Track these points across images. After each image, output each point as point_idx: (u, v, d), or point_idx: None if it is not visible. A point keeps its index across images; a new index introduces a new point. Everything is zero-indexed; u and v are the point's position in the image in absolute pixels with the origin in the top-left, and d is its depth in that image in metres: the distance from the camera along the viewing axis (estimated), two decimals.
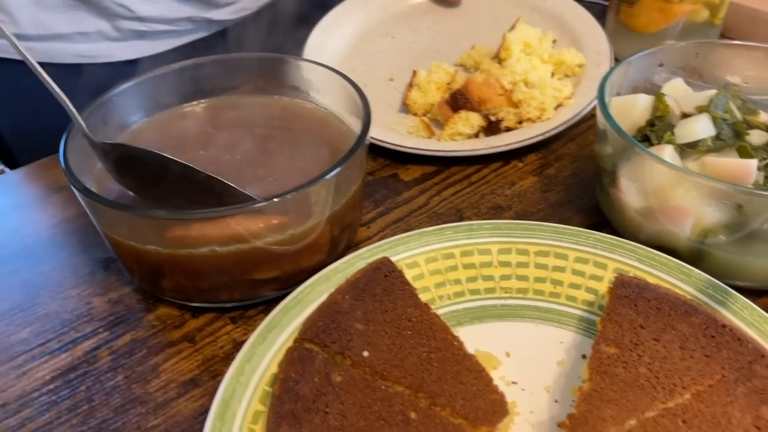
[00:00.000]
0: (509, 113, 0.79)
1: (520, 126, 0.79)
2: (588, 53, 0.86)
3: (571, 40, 0.90)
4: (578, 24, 0.91)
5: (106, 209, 0.55)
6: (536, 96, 0.78)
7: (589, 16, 0.91)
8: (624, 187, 0.62)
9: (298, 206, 0.56)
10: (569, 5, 0.94)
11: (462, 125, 0.78)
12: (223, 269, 0.57)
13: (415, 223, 0.70)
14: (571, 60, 0.85)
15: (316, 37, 0.94)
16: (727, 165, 0.60)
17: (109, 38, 0.92)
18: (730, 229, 0.57)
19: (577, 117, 0.78)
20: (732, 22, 0.96)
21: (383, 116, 0.84)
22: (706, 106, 0.65)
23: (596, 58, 0.85)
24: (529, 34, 0.87)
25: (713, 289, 0.55)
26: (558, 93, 0.80)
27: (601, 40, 0.87)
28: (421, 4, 1.03)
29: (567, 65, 0.85)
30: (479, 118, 0.79)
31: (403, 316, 0.52)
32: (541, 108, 0.78)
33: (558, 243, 0.61)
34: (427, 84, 0.84)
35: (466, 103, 0.79)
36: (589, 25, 0.90)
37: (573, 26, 0.92)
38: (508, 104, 0.79)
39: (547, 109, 0.78)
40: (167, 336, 0.60)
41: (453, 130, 0.78)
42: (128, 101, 0.68)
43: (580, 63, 0.85)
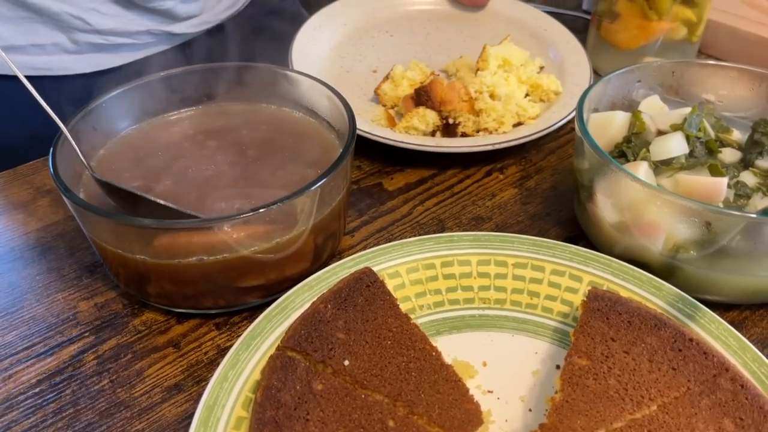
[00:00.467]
0: (468, 120, 0.81)
1: (476, 135, 0.81)
2: (568, 83, 0.89)
3: (558, 69, 0.92)
4: (568, 55, 0.94)
5: (93, 216, 0.56)
6: (497, 108, 0.80)
7: (581, 50, 0.94)
8: (600, 203, 0.64)
9: (283, 217, 0.58)
10: (565, 37, 0.96)
11: (417, 120, 0.80)
12: (209, 278, 0.58)
13: (398, 233, 0.72)
14: (547, 85, 0.87)
15: (317, 19, 0.98)
16: (699, 183, 0.62)
17: (66, 51, 0.91)
18: (699, 245, 0.59)
19: (531, 137, 0.79)
20: (710, 39, 0.99)
21: (354, 101, 0.86)
22: (681, 124, 0.67)
23: (574, 88, 0.87)
24: (513, 53, 0.89)
25: (683, 303, 0.57)
26: (522, 111, 0.82)
27: (584, 74, 0.90)
28: (429, 10, 1.07)
29: (543, 89, 0.87)
30: (436, 118, 0.81)
31: (384, 326, 0.53)
32: (500, 121, 0.80)
33: (535, 255, 0.63)
34: (401, 78, 0.87)
35: (427, 101, 0.81)
36: (578, 58, 0.92)
37: (563, 56, 0.94)
38: (469, 111, 0.81)
39: (506, 123, 0.80)
40: (152, 341, 0.61)
41: (408, 123, 0.80)
42: (117, 108, 0.68)
43: (556, 90, 0.87)
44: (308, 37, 0.95)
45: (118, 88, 0.68)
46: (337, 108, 0.67)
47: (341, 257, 0.69)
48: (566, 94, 0.87)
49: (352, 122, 0.64)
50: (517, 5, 1.05)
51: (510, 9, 1.05)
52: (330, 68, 0.94)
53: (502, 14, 1.05)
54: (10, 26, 0.87)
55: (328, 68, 0.94)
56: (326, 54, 0.95)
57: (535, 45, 0.97)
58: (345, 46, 0.98)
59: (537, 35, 0.99)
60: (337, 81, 0.91)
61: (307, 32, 0.95)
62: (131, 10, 0.93)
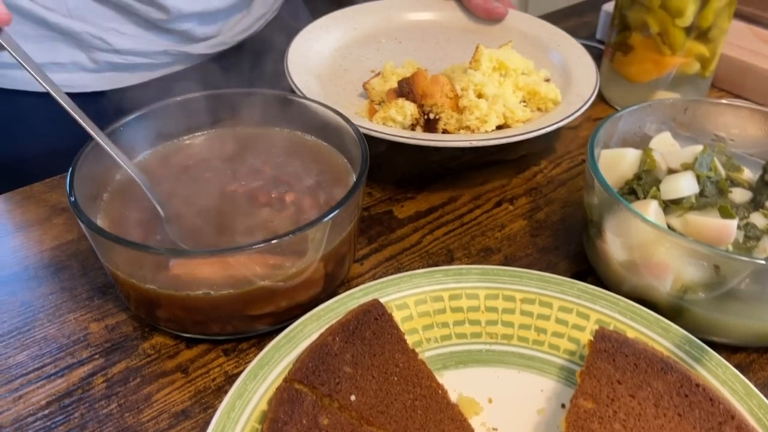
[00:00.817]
0: (451, 117, 0.79)
1: (458, 132, 0.79)
2: (570, 94, 0.86)
3: (564, 83, 0.89)
4: (577, 68, 0.91)
5: (104, 241, 0.56)
6: (481, 107, 0.78)
7: (591, 65, 0.91)
8: (609, 240, 0.65)
9: (294, 247, 0.58)
10: (577, 52, 0.94)
11: (395, 111, 0.79)
12: (218, 306, 0.59)
13: (407, 262, 0.73)
14: (545, 93, 0.84)
15: (326, 21, 0.98)
16: (708, 224, 0.62)
17: (85, 69, 0.92)
18: (708, 288, 0.59)
19: (513, 137, 0.77)
20: (723, 73, 0.99)
21: (344, 94, 0.88)
22: (692, 163, 0.67)
23: (574, 98, 0.84)
24: (512, 58, 0.87)
25: (690, 346, 0.58)
26: (510, 114, 0.80)
27: (588, 86, 0.86)
28: (444, 22, 1.06)
29: (540, 97, 0.84)
30: (415, 110, 0.79)
31: (391, 362, 0.54)
32: (483, 119, 0.78)
33: (543, 291, 0.63)
34: (390, 74, 0.86)
35: (408, 93, 0.80)
36: (586, 71, 0.90)
37: (571, 69, 0.92)
38: (453, 108, 0.80)
39: (489, 122, 0.78)
40: (161, 365, 0.61)
41: (386, 114, 0.79)
42: (133, 133, 0.69)
43: (554, 99, 0.84)
44: (313, 35, 0.95)
45: (133, 114, 0.69)
46: (351, 137, 0.68)
47: (350, 285, 0.70)
48: (564, 104, 0.84)
49: (364, 152, 0.65)
50: (534, 21, 1.03)
51: (527, 24, 1.02)
52: (328, 64, 0.93)
53: (517, 29, 1.02)
54: (32, 44, 0.88)
55: (326, 64, 0.93)
56: (328, 52, 0.95)
57: (546, 59, 0.95)
58: (350, 47, 0.98)
59: (550, 51, 0.97)
60: (332, 76, 0.91)
61: (313, 30, 0.95)
62: (150, 30, 0.94)
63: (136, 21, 0.92)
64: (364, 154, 0.64)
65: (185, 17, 0.95)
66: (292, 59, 0.89)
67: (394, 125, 0.80)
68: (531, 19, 1.04)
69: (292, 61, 0.89)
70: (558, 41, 0.98)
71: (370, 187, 0.82)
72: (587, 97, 0.83)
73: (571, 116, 0.80)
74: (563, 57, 0.95)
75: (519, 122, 0.81)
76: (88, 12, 0.89)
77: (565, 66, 0.93)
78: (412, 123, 0.80)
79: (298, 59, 0.90)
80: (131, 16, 0.91)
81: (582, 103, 0.82)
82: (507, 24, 1.04)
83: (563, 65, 0.94)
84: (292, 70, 0.87)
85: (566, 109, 0.82)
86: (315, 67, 0.91)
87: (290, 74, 0.86)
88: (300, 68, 0.88)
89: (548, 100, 0.84)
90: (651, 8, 0.86)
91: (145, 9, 0.90)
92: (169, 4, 0.91)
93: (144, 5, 0.90)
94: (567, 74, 0.91)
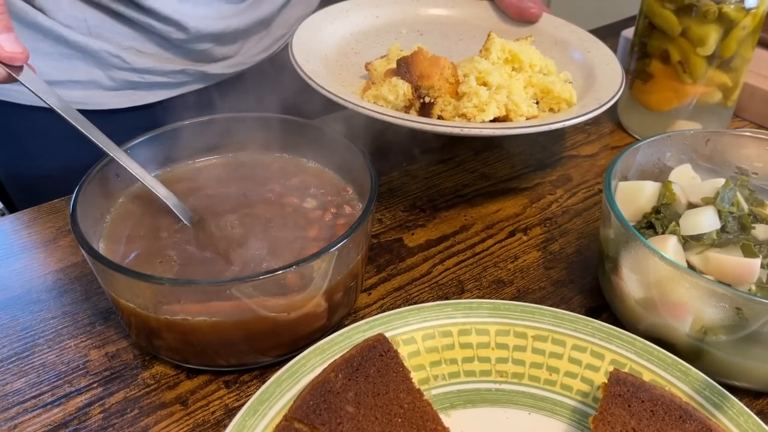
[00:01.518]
0: (449, 103, 0.74)
1: (453, 119, 0.74)
2: (586, 98, 0.80)
3: (586, 87, 0.84)
4: (602, 74, 0.85)
5: (105, 269, 0.55)
6: (480, 94, 0.73)
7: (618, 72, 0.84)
8: (625, 276, 0.62)
9: (298, 278, 0.57)
10: (606, 59, 0.87)
11: (387, 90, 0.74)
12: (220, 336, 0.57)
13: (416, 293, 0.71)
14: (559, 93, 0.79)
15: (348, 5, 0.95)
16: (730, 262, 0.59)
17: (103, 87, 0.92)
18: (729, 330, 0.56)
19: (510, 130, 0.71)
20: (746, 102, 0.97)
21: (345, 75, 0.84)
22: (713, 198, 0.65)
23: (590, 102, 0.78)
24: (528, 53, 0.82)
25: (710, 391, 0.55)
26: (513, 107, 0.74)
27: (608, 91, 0.79)
28: (473, 21, 1.00)
29: (553, 96, 0.79)
30: (408, 90, 0.74)
31: (395, 402, 0.51)
32: (480, 108, 0.73)
33: (556, 329, 0.61)
34: (395, 57, 0.81)
35: (405, 73, 0.75)
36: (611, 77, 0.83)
37: (597, 74, 0.85)
38: (452, 94, 0.75)
39: (487, 112, 0.72)
40: (160, 396, 0.60)
41: (377, 91, 0.74)
42: (140, 155, 0.68)
43: (568, 100, 0.79)
44: (330, 15, 0.91)
45: (142, 136, 0.68)
46: (361, 166, 0.67)
47: (357, 316, 0.68)
48: (578, 106, 0.78)
49: (374, 183, 0.63)
50: (567, 27, 0.96)
51: (559, 30, 0.96)
52: (338, 46, 0.89)
53: (548, 34, 0.96)
54: (50, 62, 0.89)
55: (337, 45, 0.89)
56: (342, 35, 0.91)
57: (573, 63, 0.89)
58: (367, 34, 0.93)
59: (577, 55, 0.91)
60: (339, 57, 0.88)
61: (332, 11, 0.91)
62: (169, 50, 0.94)
63: (155, 40, 0.92)
64: (373, 186, 0.63)
65: (204, 37, 0.94)
66: (300, 34, 0.85)
67: (386, 105, 0.75)
68: (564, 24, 0.97)
69: (299, 36, 0.85)
70: (589, 47, 0.91)
71: (381, 213, 0.81)
72: (604, 101, 0.76)
73: (579, 118, 0.73)
74: (590, 62, 0.88)
75: (522, 117, 0.75)
76: (108, 30, 0.89)
77: (590, 71, 0.87)
78: (405, 105, 0.75)
79: (306, 35, 0.86)
80: (150, 35, 0.91)
81: (596, 107, 0.75)
82: (539, 27, 0.98)
83: (589, 70, 0.87)
84: (296, 42, 0.83)
85: (577, 111, 0.76)
86: (323, 45, 0.87)
87: (292, 45, 0.81)
88: (307, 43, 0.84)
89: (562, 100, 0.79)
90: (671, 37, 0.84)
91: (164, 29, 0.90)
92: (188, 24, 0.91)
93: (163, 25, 0.90)
94: (591, 79, 0.85)
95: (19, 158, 0.99)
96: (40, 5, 0.85)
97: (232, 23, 0.96)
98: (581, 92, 0.82)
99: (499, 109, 0.73)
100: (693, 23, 0.82)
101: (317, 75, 0.77)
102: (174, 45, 0.94)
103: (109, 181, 0.66)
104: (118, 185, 0.68)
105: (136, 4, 0.87)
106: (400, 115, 0.72)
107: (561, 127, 0.72)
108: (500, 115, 0.74)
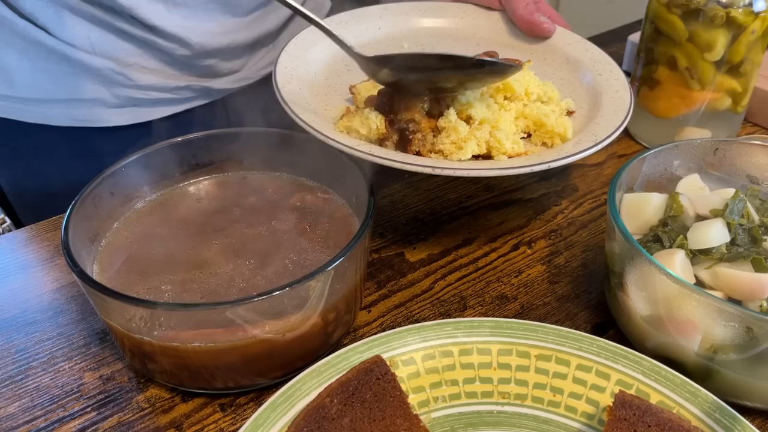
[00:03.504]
0: (425, 138, 0.69)
1: (429, 156, 0.70)
2: (584, 133, 0.73)
3: (590, 117, 0.78)
4: (609, 103, 0.78)
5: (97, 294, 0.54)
6: (459, 130, 0.68)
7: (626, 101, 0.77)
8: (631, 293, 0.60)
9: (294, 299, 0.55)
10: (616, 85, 0.81)
11: (359, 122, 0.70)
12: (216, 360, 0.56)
13: (417, 310, 0.69)
14: (552, 126, 0.73)
15: (347, 16, 0.91)
16: (740, 278, 0.57)
17: (107, 105, 0.91)
18: (740, 349, 0.54)
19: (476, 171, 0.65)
20: (756, 107, 0.94)
21: (332, 95, 0.79)
22: (722, 210, 0.63)
23: (586, 137, 0.71)
24: (524, 80, 0.76)
25: (720, 413, 0.53)
26: (496, 144, 0.69)
27: (609, 127, 0.72)
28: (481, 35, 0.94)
29: (546, 130, 0.73)
30: (382, 124, 0.69)
31: (392, 428, 0.50)
32: (458, 145, 0.68)
33: (560, 348, 0.59)
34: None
35: (383, 104, 0.70)
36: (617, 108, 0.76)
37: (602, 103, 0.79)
38: (432, 129, 0.70)
39: (464, 150, 0.68)
40: (155, 421, 0.58)
41: (349, 123, 0.70)
42: (135, 173, 0.67)
43: (562, 135, 0.73)
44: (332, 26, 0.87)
45: (135, 154, 0.67)
46: (359, 181, 0.65)
47: (356, 334, 0.66)
48: (572, 143, 0.71)
49: (372, 202, 0.62)
50: (581, 44, 0.89)
51: (572, 47, 0.89)
52: (331, 63, 0.84)
53: (561, 51, 0.90)
54: (53, 80, 0.88)
55: (329, 63, 0.84)
56: (338, 50, 0.80)
57: (582, 88, 0.83)
58: (366, 47, 0.85)
59: (588, 79, 0.84)
60: (329, 75, 0.83)
61: (330, 23, 0.84)
62: (173, 66, 0.93)
63: (159, 56, 0.91)
64: (370, 203, 0.61)
65: (209, 53, 0.93)
66: (289, 50, 0.81)
67: (357, 136, 0.70)
68: (579, 40, 0.91)
69: (288, 52, 0.80)
70: (601, 69, 0.84)
71: (382, 227, 0.79)
72: (601, 138, 0.70)
73: (562, 160, 0.67)
74: (599, 87, 0.82)
75: (504, 155, 0.70)
76: (111, 47, 0.88)
77: (597, 98, 0.80)
78: (379, 137, 0.70)
79: (297, 51, 0.82)
80: (154, 51, 0.90)
81: (590, 146, 0.69)
82: (551, 43, 0.92)
83: (596, 96, 0.81)
84: (282, 61, 0.78)
85: (567, 150, 0.69)
86: (314, 63, 0.82)
87: (277, 64, 0.77)
88: (295, 61, 0.80)
89: (555, 134, 0.73)
90: (678, 42, 0.82)
91: (168, 45, 0.89)
92: (193, 40, 0.90)
93: (167, 41, 0.89)
94: (596, 108, 0.78)
95: (25, 176, 0.98)
96: (43, 23, 0.84)
97: (237, 38, 0.95)
98: (583, 122, 0.77)
99: (479, 147, 0.69)
100: (700, 28, 0.80)
101: (294, 99, 0.72)
102: (178, 61, 0.93)
103: (104, 201, 0.65)
104: (114, 204, 0.67)
105: (139, 22, 0.86)
106: (369, 149, 0.66)
107: (541, 169, 0.67)
108: (481, 153, 0.70)
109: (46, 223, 0.80)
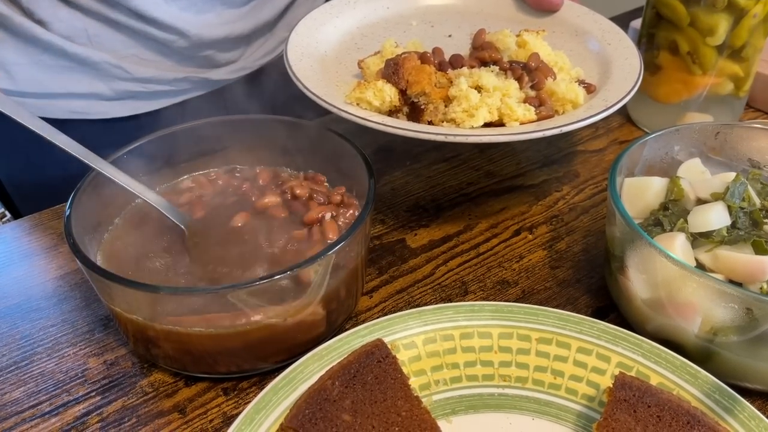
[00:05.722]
0: (437, 108, 0.70)
1: (442, 125, 0.70)
2: (596, 98, 0.73)
3: (599, 85, 0.77)
4: (618, 70, 0.78)
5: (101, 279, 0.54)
6: (470, 98, 0.68)
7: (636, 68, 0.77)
8: (632, 276, 0.60)
9: (295, 284, 0.55)
10: (625, 53, 0.81)
11: (371, 94, 0.69)
12: (219, 345, 0.56)
13: (419, 295, 0.69)
14: (564, 93, 0.72)
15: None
16: (741, 260, 0.57)
17: (104, 98, 0.91)
18: (740, 330, 0.54)
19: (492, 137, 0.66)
20: (758, 92, 0.94)
21: (342, 72, 0.80)
22: (722, 193, 0.63)
23: (597, 103, 0.71)
24: (537, 48, 0.77)
25: (720, 395, 0.53)
26: (507, 111, 0.69)
27: (619, 91, 0.73)
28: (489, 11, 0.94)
29: (558, 97, 0.73)
30: (395, 96, 0.70)
31: (393, 410, 0.50)
32: (470, 113, 0.68)
33: (561, 331, 0.59)
34: (390, 54, 0.77)
35: (393, 75, 0.70)
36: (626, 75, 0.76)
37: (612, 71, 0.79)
38: (443, 98, 0.70)
39: (476, 117, 0.68)
40: (158, 405, 0.59)
41: (360, 95, 0.70)
42: (136, 161, 0.68)
43: (573, 101, 0.73)
44: (335, 9, 0.87)
45: (128, 146, 0.67)
46: (360, 166, 0.65)
47: (358, 319, 0.67)
48: (583, 108, 0.71)
49: (372, 185, 0.62)
50: (590, 16, 0.89)
51: (581, 19, 0.89)
52: (341, 42, 0.85)
53: (569, 23, 0.89)
54: (51, 74, 0.88)
55: (340, 42, 0.85)
56: (348, 29, 0.85)
57: (590, 58, 0.83)
58: (374, 26, 0.88)
59: (596, 48, 0.85)
60: (339, 53, 0.84)
61: (337, 4, 0.87)
62: (170, 57, 0.93)
63: (156, 48, 0.91)
64: (371, 188, 0.61)
65: (206, 44, 0.93)
66: (299, 30, 0.82)
67: (369, 108, 0.70)
68: (588, 12, 0.90)
69: (298, 32, 0.81)
70: (609, 39, 0.84)
71: (383, 213, 0.79)
72: (612, 102, 0.70)
73: (574, 124, 0.67)
74: (609, 56, 0.82)
75: (516, 122, 0.70)
76: (108, 39, 0.88)
77: (607, 67, 0.80)
78: (390, 109, 0.71)
79: (307, 30, 0.83)
80: (151, 43, 0.90)
81: (601, 109, 0.69)
82: (559, 16, 0.91)
83: (606, 66, 0.81)
84: (293, 39, 0.79)
85: (579, 114, 0.69)
86: (324, 42, 0.83)
87: (288, 43, 0.78)
88: (305, 40, 0.81)
89: (566, 101, 0.73)
90: (680, 27, 0.81)
91: (165, 37, 0.89)
92: (190, 32, 0.90)
93: (165, 33, 0.89)
94: (606, 76, 0.79)
95: (22, 167, 0.99)
96: (39, 18, 0.84)
97: (234, 28, 0.95)
98: (594, 91, 0.77)
99: (490, 114, 0.69)
100: (701, 12, 0.79)
101: (306, 75, 0.74)
102: (175, 52, 0.93)
103: (106, 189, 0.65)
104: (118, 192, 0.67)
105: (136, 14, 0.86)
106: (382, 120, 0.67)
107: (556, 133, 0.66)
108: (493, 120, 0.69)
109: (50, 212, 0.81)
